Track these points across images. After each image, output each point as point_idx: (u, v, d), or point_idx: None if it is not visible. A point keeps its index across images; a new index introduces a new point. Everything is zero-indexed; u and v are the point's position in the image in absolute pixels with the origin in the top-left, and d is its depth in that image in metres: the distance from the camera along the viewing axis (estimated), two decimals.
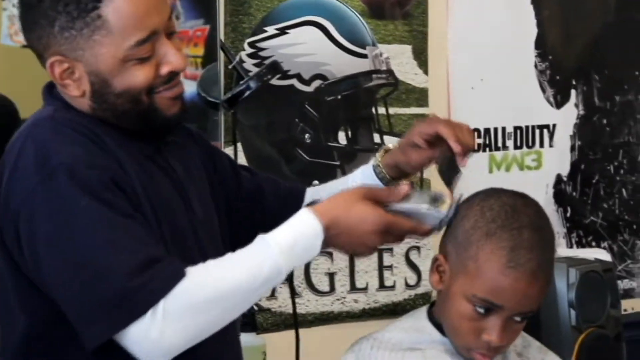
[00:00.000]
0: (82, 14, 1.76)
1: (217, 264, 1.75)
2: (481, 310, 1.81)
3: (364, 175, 2.01)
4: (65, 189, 1.71)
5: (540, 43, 3.47)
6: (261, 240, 1.74)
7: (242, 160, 2.93)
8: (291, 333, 2.78)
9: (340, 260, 3.10)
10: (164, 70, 1.80)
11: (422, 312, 1.96)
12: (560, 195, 3.53)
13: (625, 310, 3.27)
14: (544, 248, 1.86)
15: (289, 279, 2.93)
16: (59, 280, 1.73)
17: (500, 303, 1.81)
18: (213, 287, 1.72)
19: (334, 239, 1.76)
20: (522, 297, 1.82)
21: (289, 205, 2.08)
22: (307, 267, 3.04)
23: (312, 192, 2.12)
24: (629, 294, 3.57)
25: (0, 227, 1.77)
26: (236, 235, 2.04)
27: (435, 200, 1.85)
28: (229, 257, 1.76)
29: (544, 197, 3.46)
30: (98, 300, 1.70)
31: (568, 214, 3.55)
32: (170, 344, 1.69)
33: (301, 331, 2.84)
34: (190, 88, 2.85)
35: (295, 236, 1.75)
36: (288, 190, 2.14)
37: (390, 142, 3.07)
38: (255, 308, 2.80)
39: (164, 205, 1.84)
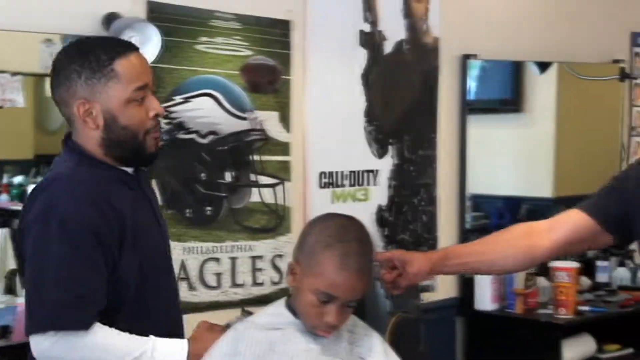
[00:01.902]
0: (100, 68, 1.87)
1: (111, 339, 1.84)
2: (323, 300, 1.82)
3: None
4: (52, 232, 1.81)
5: (368, 113, 3.51)
6: (148, 338, 1.86)
7: (157, 192, 2.79)
8: (187, 316, 2.80)
9: (225, 263, 3.10)
10: (151, 113, 1.92)
11: (282, 302, 1.96)
12: (381, 219, 3.57)
13: (423, 300, 3.36)
14: (367, 254, 1.88)
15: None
16: (26, 281, 1.88)
17: (336, 294, 1.82)
18: (93, 354, 1.82)
19: (196, 357, 1.85)
20: (352, 290, 1.84)
21: None
22: (201, 268, 3.03)
23: None
24: (426, 289, 3.63)
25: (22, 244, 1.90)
26: None
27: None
28: (121, 337, 1.85)
29: (370, 220, 3.50)
30: (31, 310, 1.84)
31: (386, 233, 3.59)
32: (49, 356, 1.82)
33: (195, 315, 2.76)
34: None
35: (170, 347, 1.87)
36: None
37: (262, 181, 3.19)
38: None
39: (144, 225, 1.94)
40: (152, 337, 1.87)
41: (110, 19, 2.75)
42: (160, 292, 1.97)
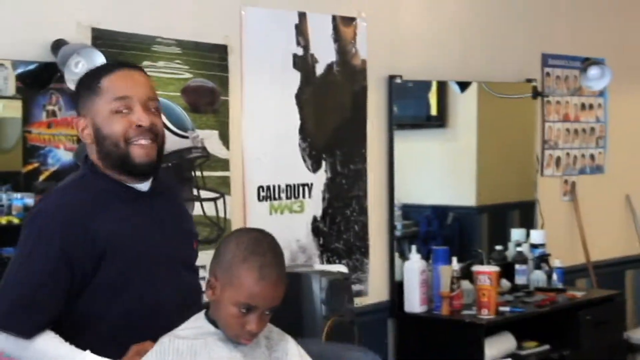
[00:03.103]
0: (90, 86, 1.98)
1: (46, 350, 1.89)
2: (244, 310, 1.85)
3: None
4: (29, 240, 1.93)
5: (302, 130, 3.54)
6: (81, 352, 1.90)
7: None
8: None
9: None
10: (133, 123, 1.94)
11: (201, 315, 1.96)
12: (316, 230, 3.59)
13: (357, 304, 3.40)
14: (281, 264, 1.91)
15: None
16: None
17: (256, 304, 1.85)
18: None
19: None
20: (271, 299, 1.87)
21: None
22: None
23: None
24: (359, 293, 3.66)
25: None
26: None
27: None
28: (57, 349, 1.89)
29: (305, 230, 3.54)
30: None
31: (321, 242, 3.60)
32: None
33: None
34: (69, 157, 2.87)
35: None
36: None
37: (204, 195, 3.19)
38: None
39: (136, 237, 1.97)
40: (87, 352, 1.90)
41: (58, 45, 2.78)
42: (150, 302, 1.97)
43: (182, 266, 2.09)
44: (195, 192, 3.21)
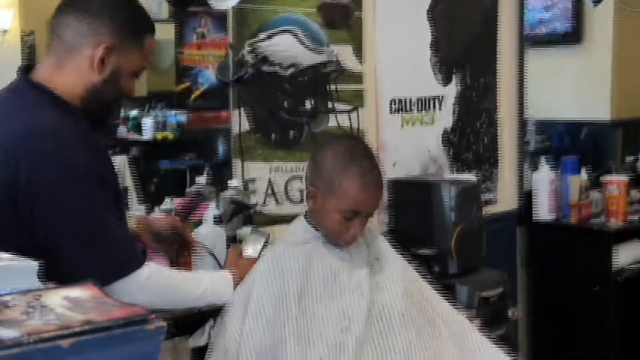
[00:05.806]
0: (138, 30, 1.80)
1: (172, 271, 1.87)
2: (349, 216, 1.86)
3: None
4: (84, 184, 1.66)
5: (433, 45, 3.43)
6: (204, 272, 1.92)
7: (244, 119, 2.93)
8: (275, 227, 2.78)
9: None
10: (132, 93, 1.84)
11: (301, 219, 1.96)
12: (446, 141, 3.51)
13: (485, 212, 3.32)
14: (377, 168, 1.89)
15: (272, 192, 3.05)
16: (73, 244, 1.65)
17: (361, 210, 1.86)
18: (174, 280, 1.84)
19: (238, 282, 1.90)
20: (374, 203, 1.88)
21: None
22: (286, 185, 3.05)
23: None
24: (488, 202, 3.60)
25: (17, 202, 1.61)
26: None
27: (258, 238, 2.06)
28: (181, 272, 1.90)
29: (436, 142, 3.45)
30: (111, 259, 1.70)
31: (451, 153, 3.52)
32: (138, 298, 1.67)
33: (281, 226, 2.77)
34: (212, 76, 2.93)
35: (221, 279, 1.90)
36: None
37: (338, 107, 3.18)
38: (252, 211, 2.78)
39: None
40: (201, 270, 1.92)
41: None
42: None
43: None
44: (330, 104, 3.20)
